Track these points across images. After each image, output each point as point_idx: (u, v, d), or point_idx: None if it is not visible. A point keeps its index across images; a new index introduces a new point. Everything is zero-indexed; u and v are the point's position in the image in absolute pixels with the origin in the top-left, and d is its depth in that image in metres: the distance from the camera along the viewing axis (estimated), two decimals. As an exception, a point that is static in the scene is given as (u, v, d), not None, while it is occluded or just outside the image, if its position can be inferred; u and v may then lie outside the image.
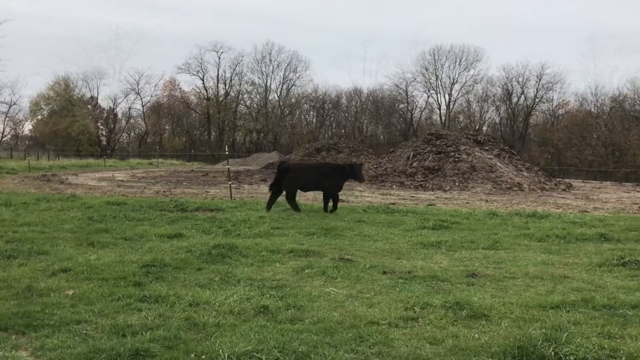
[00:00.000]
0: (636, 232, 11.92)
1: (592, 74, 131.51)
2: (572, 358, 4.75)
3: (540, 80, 77.65)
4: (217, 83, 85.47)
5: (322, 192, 15.42)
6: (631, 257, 8.91)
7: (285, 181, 15.00)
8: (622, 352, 4.93)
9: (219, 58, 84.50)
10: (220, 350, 4.93)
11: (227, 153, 22.63)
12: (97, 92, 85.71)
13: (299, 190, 15.64)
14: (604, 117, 76.08)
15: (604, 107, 78.18)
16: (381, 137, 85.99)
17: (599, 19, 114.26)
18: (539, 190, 27.10)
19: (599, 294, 6.88)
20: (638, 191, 30.84)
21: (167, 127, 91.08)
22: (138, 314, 5.94)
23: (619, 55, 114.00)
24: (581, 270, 8.45)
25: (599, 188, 32.94)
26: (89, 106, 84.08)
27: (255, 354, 4.86)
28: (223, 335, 5.36)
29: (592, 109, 78.26)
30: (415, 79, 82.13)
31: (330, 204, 14.93)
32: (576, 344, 4.94)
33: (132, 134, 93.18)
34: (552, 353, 4.83)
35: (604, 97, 77.76)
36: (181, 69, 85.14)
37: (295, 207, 14.78)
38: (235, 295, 6.54)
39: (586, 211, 17.50)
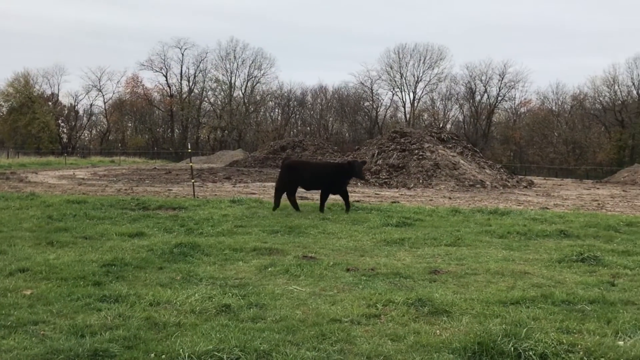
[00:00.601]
0: (595, 228, 12.12)
1: (554, 72, 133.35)
2: (531, 353, 4.81)
3: (502, 78, 78.87)
4: (181, 80, 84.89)
5: (318, 191, 15.24)
6: (590, 253, 9.07)
7: (285, 176, 14.92)
8: (580, 346, 5.00)
9: (183, 55, 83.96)
10: (181, 350, 4.88)
11: (189, 151, 22.39)
12: (58, 89, 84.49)
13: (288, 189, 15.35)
14: (565, 116, 77.50)
15: (565, 106, 79.73)
16: (346, 134, 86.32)
17: (560, 18, 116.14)
18: (501, 188, 27.43)
19: (558, 289, 6.97)
20: (598, 188, 31.43)
21: (130, 125, 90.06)
22: (97, 314, 5.86)
23: (580, 55, 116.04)
24: (541, 266, 8.57)
25: (560, 185, 33.49)
26: (50, 103, 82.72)
27: (216, 353, 4.83)
28: (184, 334, 5.31)
29: (554, 107, 79.79)
30: (380, 77, 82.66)
31: (321, 201, 14.81)
32: (535, 339, 4.99)
33: (93, 132, 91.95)
34: (512, 348, 4.88)
35: (564, 95, 79.40)
36: (144, 65, 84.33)
37: (277, 202, 14.68)
38: (196, 295, 6.48)
39: (547, 208, 17.76)
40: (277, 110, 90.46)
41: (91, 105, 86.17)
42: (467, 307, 6.24)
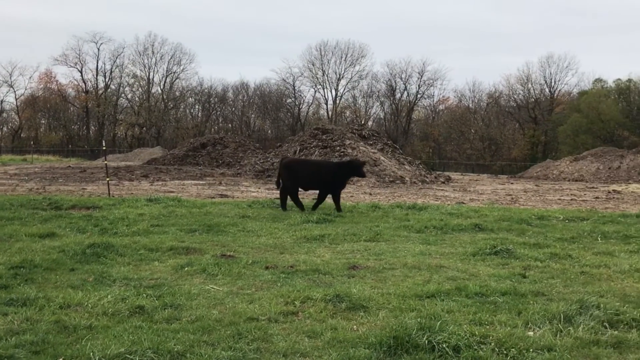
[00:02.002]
0: (508, 222, 12.49)
1: (470, 70, 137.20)
2: (444, 346, 4.89)
3: (422, 77, 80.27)
4: (97, 75, 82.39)
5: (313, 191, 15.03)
6: (502, 246, 9.32)
7: (285, 178, 14.67)
8: (491, 338, 5.12)
9: (98, 49, 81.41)
10: (91, 353, 4.76)
11: (104, 148, 21.79)
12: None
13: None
14: (481, 113, 79.78)
15: (481, 103, 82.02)
16: (269, 131, 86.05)
17: (476, 18, 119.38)
18: (420, 183, 27.98)
19: (472, 282, 7.13)
20: (512, 183, 32.52)
21: (43, 122, 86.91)
22: (3, 319, 5.63)
23: (495, 53, 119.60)
24: (456, 259, 8.75)
25: (476, 180, 34.43)
26: (-43, 99, 78.90)
27: (128, 355, 4.73)
28: (95, 337, 5.17)
29: (470, 105, 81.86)
30: (302, 74, 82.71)
31: (335, 202, 14.61)
32: (449, 332, 5.09)
33: (4, 129, 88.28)
34: (426, 341, 4.95)
35: (481, 93, 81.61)
36: (58, 60, 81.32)
37: (283, 203, 14.49)
38: (109, 296, 6.30)
39: (463, 203, 18.19)
40: (197, 106, 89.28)
41: (2, 101, 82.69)
42: (384, 301, 6.31)
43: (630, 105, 69.21)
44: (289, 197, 14.76)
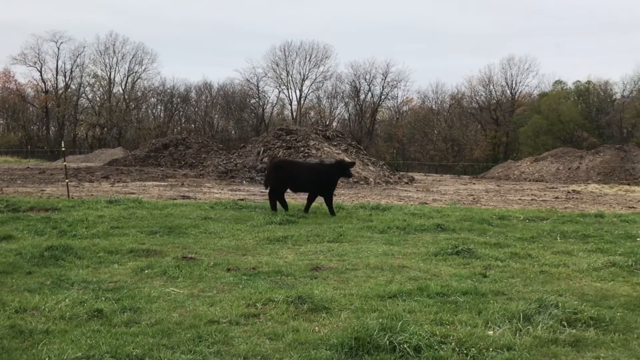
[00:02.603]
0: (469, 222, 12.60)
1: (434, 72, 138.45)
2: (405, 346, 4.90)
3: (385, 77, 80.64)
4: (57, 75, 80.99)
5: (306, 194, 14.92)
6: (464, 245, 9.40)
7: (274, 178, 14.52)
8: (452, 337, 5.15)
9: (59, 49, 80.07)
10: (47, 358, 4.67)
11: (63, 149, 21.38)
12: None
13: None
14: (444, 114, 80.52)
15: (444, 104, 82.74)
16: (233, 132, 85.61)
17: (439, 20, 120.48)
18: (384, 184, 28.13)
19: (434, 282, 7.17)
20: (474, 183, 32.90)
21: (1, 122, 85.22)
22: (-44, 324, 5.47)
23: (458, 55, 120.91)
24: (418, 259, 8.79)
25: (439, 181, 34.75)
26: None
27: (85, 360, 4.63)
28: (52, 342, 5.06)
29: (433, 106, 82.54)
30: (266, 74, 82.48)
31: (308, 202, 14.62)
32: (410, 332, 5.09)
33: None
34: (387, 342, 4.95)
35: (444, 94, 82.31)
36: (16, 59, 79.76)
37: (283, 205, 14.37)
38: (67, 300, 6.17)
39: (426, 203, 18.33)
40: (159, 107, 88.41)
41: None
42: (347, 302, 6.30)
43: (590, 106, 70.60)
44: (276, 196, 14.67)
